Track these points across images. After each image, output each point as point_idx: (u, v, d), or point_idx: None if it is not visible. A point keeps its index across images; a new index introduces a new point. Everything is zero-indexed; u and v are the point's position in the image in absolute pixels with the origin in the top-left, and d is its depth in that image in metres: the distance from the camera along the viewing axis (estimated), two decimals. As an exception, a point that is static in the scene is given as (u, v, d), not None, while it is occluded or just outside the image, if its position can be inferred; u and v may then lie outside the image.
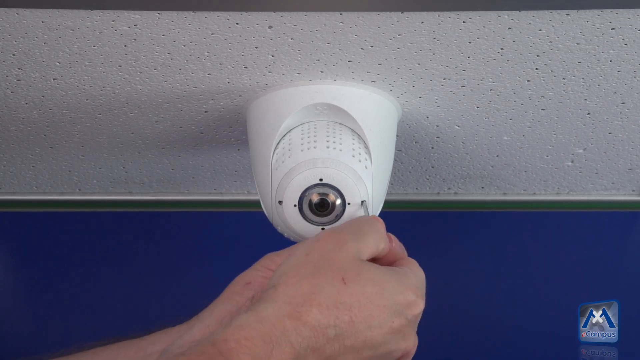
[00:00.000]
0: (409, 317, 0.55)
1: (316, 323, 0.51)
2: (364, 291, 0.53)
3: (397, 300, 0.55)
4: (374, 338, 0.53)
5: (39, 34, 0.62)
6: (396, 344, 0.55)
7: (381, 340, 0.54)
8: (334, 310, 0.52)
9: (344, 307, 0.52)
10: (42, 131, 0.79)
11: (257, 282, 0.58)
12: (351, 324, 0.52)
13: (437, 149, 0.82)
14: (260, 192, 0.69)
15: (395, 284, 0.56)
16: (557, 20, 0.60)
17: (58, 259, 0.94)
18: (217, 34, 0.62)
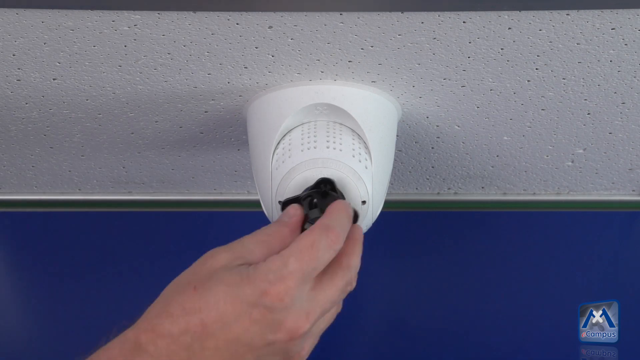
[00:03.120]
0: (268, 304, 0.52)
1: (168, 332, 0.51)
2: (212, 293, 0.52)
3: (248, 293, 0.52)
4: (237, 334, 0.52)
5: (39, 34, 0.62)
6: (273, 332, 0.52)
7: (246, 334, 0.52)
8: (183, 317, 0.52)
9: (192, 312, 0.52)
10: (42, 131, 0.79)
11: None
12: (204, 326, 0.52)
13: (437, 149, 0.82)
14: (260, 192, 0.69)
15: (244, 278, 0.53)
16: (557, 21, 0.60)
17: (58, 259, 0.94)
18: (217, 34, 0.62)
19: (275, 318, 0.53)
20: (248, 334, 0.52)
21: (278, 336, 0.53)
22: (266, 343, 0.53)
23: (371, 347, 0.86)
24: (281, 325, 0.53)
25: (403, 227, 0.95)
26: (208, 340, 0.52)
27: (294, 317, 0.53)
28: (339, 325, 0.60)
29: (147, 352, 0.51)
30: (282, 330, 0.53)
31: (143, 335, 0.51)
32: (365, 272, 0.59)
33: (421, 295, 0.90)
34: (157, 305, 0.54)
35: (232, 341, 0.52)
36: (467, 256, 0.93)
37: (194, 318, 0.52)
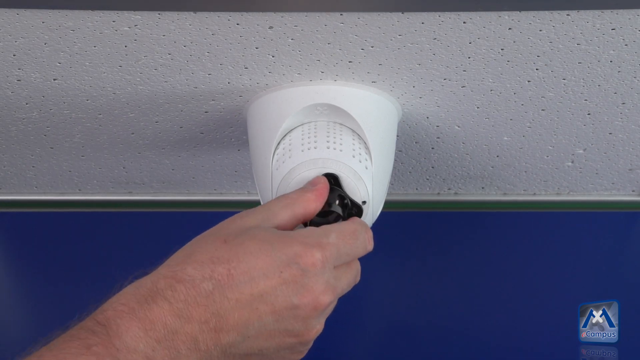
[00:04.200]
0: (302, 266, 0.52)
1: (189, 278, 0.50)
2: (244, 247, 0.52)
3: (281, 250, 0.52)
4: (262, 290, 0.51)
5: (39, 35, 0.62)
6: (298, 297, 0.51)
7: (272, 292, 0.51)
8: (209, 264, 0.50)
9: (220, 262, 0.51)
10: (42, 131, 0.79)
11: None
12: (230, 277, 0.50)
13: (438, 149, 0.82)
14: (260, 192, 0.69)
15: (279, 237, 0.53)
16: (558, 21, 0.60)
17: (58, 259, 0.94)
18: (217, 34, 0.62)
19: (305, 283, 0.52)
20: (274, 293, 0.51)
21: (303, 301, 0.52)
22: (290, 306, 0.51)
23: (371, 347, 0.86)
24: (309, 291, 0.52)
25: (403, 227, 0.95)
26: (231, 290, 0.50)
27: (323, 286, 0.52)
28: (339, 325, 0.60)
29: (163, 296, 0.49)
30: (309, 297, 0.52)
31: (162, 281, 0.50)
32: (365, 272, 0.59)
33: (421, 296, 0.90)
34: (180, 255, 0.53)
35: (256, 297, 0.50)
36: (467, 256, 0.93)
37: (221, 267, 0.50)
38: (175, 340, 0.49)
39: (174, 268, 0.51)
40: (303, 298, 0.52)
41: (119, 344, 0.47)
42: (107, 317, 0.48)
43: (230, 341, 0.50)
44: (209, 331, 0.50)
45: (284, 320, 0.52)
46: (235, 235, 0.53)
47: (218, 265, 0.51)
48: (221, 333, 0.50)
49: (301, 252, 0.52)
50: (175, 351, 0.49)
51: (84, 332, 0.48)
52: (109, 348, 0.47)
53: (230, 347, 0.51)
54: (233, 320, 0.50)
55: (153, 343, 0.48)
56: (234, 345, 0.51)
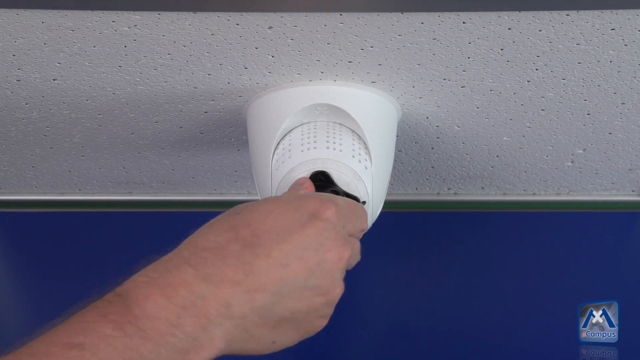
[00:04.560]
0: (321, 219, 0.52)
1: (215, 244, 0.49)
2: (260, 209, 0.51)
3: (301, 206, 0.52)
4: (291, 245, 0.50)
5: (39, 35, 0.62)
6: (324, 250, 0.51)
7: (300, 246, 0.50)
8: (230, 230, 0.50)
9: (241, 226, 0.50)
10: (42, 131, 0.79)
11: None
12: (255, 236, 0.49)
13: (437, 149, 0.82)
14: (260, 192, 0.69)
15: (294, 196, 0.54)
16: (557, 21, 0.60)
17: (58, 259, 0.94)
18: (217, 34, 0.62)
19: (327, 236, 0.52)
20: (301, 247, 0.50)
21: (329, 255, 0.52)
22: (318, 260, 0.51)
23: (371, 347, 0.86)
24: (332, 243, 0.52)
25: (403, 227, 0.94)
26: (260, 248, 0.49)
27: (342, 240, 0.53)
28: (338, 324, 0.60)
29: (187, 263, 0.48)
30: (333, 249, 0.52)
31: (185, 251, 0.49)
32: (365, 272, 0.59)
33: (421, 296, 0.90)
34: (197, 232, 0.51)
35: (285, 252, 0.50)
36: (467, 256, 0.93)
37: (244, 230, 0.50)
38: (205, 307, 0.46)
39: (196, 238, 0.50)
40: (328, 251, 0.52)
41: (138, 311, 0.45)
42: (126, 288, 0.47)
43: (265, 303, 0.49)
44: (242, 293, 0.48)
45: (314, 275, 0.51)
46: (248, 207, 0.53)
47: (240, 229, 0.50)
48: (256, 294, 0.48)
49: (318, 206, 0.53)
50: (205, 318, 0.46)
51: (101, 302, 0.46)
52: (126, 316, 0.45)
53: (265, 311, 0.49)
54: (266, 279, 0.49)
55: (177, 310, 0.45)
56: (269, 307, 0.49)
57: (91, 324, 0.44)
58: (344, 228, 0.54)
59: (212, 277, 0.47)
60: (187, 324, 0.45)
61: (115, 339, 0.43)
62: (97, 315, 0.45)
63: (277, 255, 0.49)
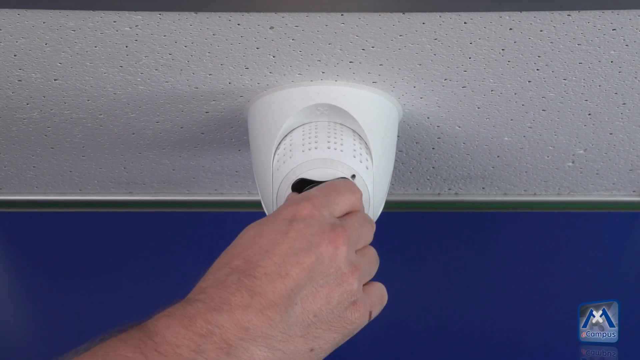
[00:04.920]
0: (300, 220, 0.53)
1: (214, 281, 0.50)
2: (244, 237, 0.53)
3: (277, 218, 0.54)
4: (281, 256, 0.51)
5: (40, 35, 0.62)
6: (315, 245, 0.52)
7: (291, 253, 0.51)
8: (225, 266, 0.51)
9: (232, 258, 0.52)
10: (43, 131, 0.79)
11: None
12: (247, 262, 0.51)
13: (438, 149, 0.82)
14: (261, 192, 0.69)
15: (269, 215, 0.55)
16: (558, 21, 0.60)
17: (58, 259, 0.94)
18: (218, 34, 0.62)
19: (312, 232, 0.53)
20: (292, 252, 0.51)
21: (321, 247, 0.52)
22: (314, 259, 0.52)
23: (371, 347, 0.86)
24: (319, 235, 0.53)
25: (403, 227, 0.95)
26: (255, 269, 0.51)
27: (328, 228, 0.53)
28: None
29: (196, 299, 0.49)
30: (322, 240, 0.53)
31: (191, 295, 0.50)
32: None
33: (421, 296, 0.90)
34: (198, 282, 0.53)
35: (280, 264, 0.51)
36: (468, 256, 0.93)
37: (235, 261, 0.51)
38: (224, 334, 0.48)
39: (198, 285, 0.52)
40: (319, 244, 0.52)
41: (157, 338, 0.46)
42: (145, 322, 0.48)
43: (282, 316, 0.50)
44: (256, 314, 0.49)
45: (316, 273, 0.52)
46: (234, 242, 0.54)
47: (231, 261, 0.52)
48: (269, 311, 0.49)
49: (293, 210, 0.54)
50: (226, 344, 0.48)
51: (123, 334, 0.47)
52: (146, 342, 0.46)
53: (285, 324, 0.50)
54: (273, 294, 0.50)
55: (197, 338, 0.47)
56: (287, 319, 0.50)
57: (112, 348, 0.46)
58: (331, 214, 0.55)
59: (222, 307, 0.49)
60: (209, 349, 0.47)
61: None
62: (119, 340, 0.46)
63: (273, 269, 0.51)
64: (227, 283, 0.50)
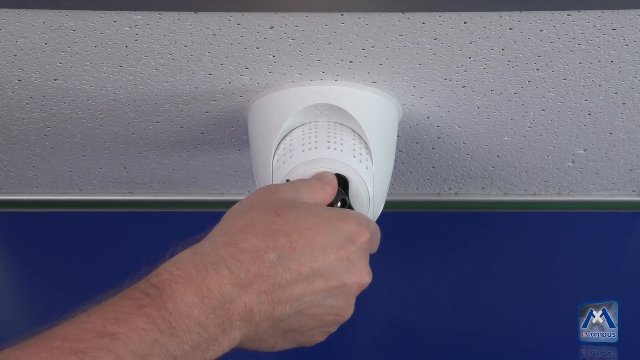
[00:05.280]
0: (357, 244, 0.54)
1: (254, 248, 0.50)
2: (301, 220, 0.53)
3: (339, 227, 0.54)
4: (321, 265, 0.52)
5: (40, 35, 0.62)
6: (349, 275, 0.53)
7: (330, 267, 0.52)
8: (271, 236, 0.51)
9: (281, 234, 0.51)
10: (43, 131, 0.79)
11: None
12: (292, 249, 0.51)
13: (438, 149, 0.82)
14: (261, 192, 0.69)
15: (334, 213, 0.55)
16: (558, 21, 0.60)
17: (58, 259, 0.94)
18: (218, 34, 0.62)
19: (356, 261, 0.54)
20: (330, 268, 0.52)
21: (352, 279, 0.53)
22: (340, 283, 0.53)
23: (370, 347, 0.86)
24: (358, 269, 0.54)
25: (403, 227, 0.95)
26: (293, 262, 0.51)
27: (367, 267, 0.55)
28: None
29: (225, 264, 0.49)
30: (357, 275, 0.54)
31: (223, 249, 0.49)
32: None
33: (421, 296, 0.90)
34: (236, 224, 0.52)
35: (315, 270, 0.51)
36: (468, 256, 0.93)
37: (283, 239, 0.51)
38: (231, 310, 0.48)
39: (235, 237, 0.51)
40: (352, 276, 0.53)
41: (172, 307, 0.46)
42: (162, 280, 0.47)
43: (282, 314, 0.50)
44: (266, 302, 0.49)
45: (332, 296, 0.53)
46: (287, 208, 0.53)
47: (279, 237, 0.51)
48: (277, 305, 0.50)
49: (356, 231, 0.54)
50: (229, 321, 0.48)
51: (137, 292, 0.47)
52: (161, 311, 0.46)
53: (279, 321, 0.51)
54: (290, 293, 0.50)
55: (208, 310, 0.47)
56: (283, 319, 0.51)
57: (125, 315, 0.45)
58: (370, 253, 0.57)
59: (244, 282, 0.49)
60: (212, 324, 0.47)
61: (147, 333, 0.44)
62: (133, 306, 0.46)
63: (307, 272, 0.51)
64: (263, 259, 0.50)
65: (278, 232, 0.51)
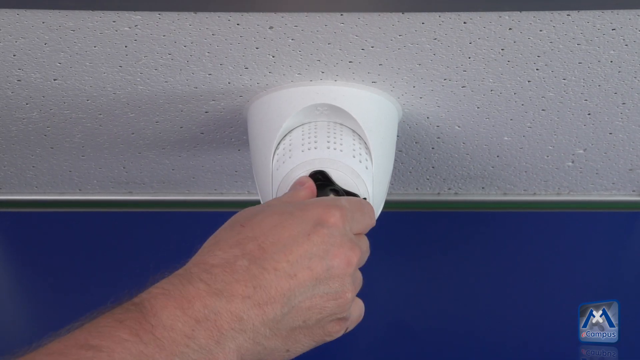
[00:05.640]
0: (326, 226, 0.53)
1: (223, 261, 0.50)
2: (265, 221, 0.52)
3: (305, 216, 0.53)
4: (297, 256, 0.51)
5: (39, 35, 0.62)
6: (330, 257, 0.52)
7: (307, 255, 0.51)
8: (237, 246, 0.51)
9: (247, 240, 0.51)
10: (42, 131, 0.79)
11: None
12: (262, 250, 0.51)
13: (438, 149, 0.82)
14: (260, 192, 0.69)
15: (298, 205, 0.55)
16: (558, 21, 0.60)
17: (58, 259, 0.94)
18: (217, 34, 0.62)
19: (333, 242, 0.53)
20: (308, 256, 0.51)
21: (336, 260, 0.52)
22: (325, 267, 0.52)
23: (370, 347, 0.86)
24: (338, 249, 0.53)
25: (403, 227, 0.95)
26: (267, 261, 0.50)
27: (348, 243, 0.54)
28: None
29: (199, 279, 0.49)
30: (340, 254, 0.53)
31: (195, 268, 0.50)
32: (365, 272, 0.59)
33: (421, 296, 0.90)
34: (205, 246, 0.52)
35: (292, 263, 0.51)
36: (467, 256, 0.93)
37: (250, 244, 0.51)
38: (218, 321, 0.48)
39: (204, 256, 0.51)
40: (335, 257, 0.52)
41: (154, 320, 0.46)
42: (142, 298, 0.48)
43: (276, 314, 0.50)
44: (253, 307, 0.49)
45: (322, 282, 0.52)
46: (250, 217, 0.53)
47: (246, 243, 0.51)
48: (266, 307, 0.49)
49: (322, 213, 0.53)
50: (219, 332, 0.47)
51: (118, 310, 0.47)
52: (143, 324, 0.46)
53: (276, 322, 0.50)
54: (275, 291, 0.50)
55: (192, 322, 0.47)
56: (279, 319, 0.50)
57: (108, 328, 0.45)
58: (351, 230, 0.55)
59: (223, 292, 0.48)
60: (200, 336, 0.47)
61: (131, 344, 0.44)
62: (114, 320, 0.46)
63: (284, 266, 0.51)
64: (235, 267, 0.50)
65: (244, 240, 0.51)
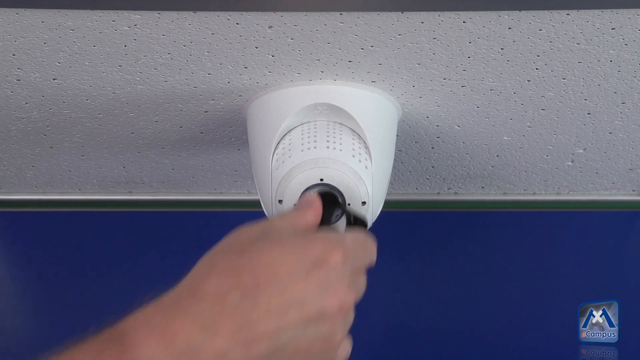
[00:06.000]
0: (326, 267, 0.50)
1: (216, 290, 0.48)
2: (264, 252, 0.50)
3: (306, 252, 0.51)
4: (291, 294, 0.49)
5: (39, 34, 0.62)
6: (325, 298, 0.50)
7: (301, 295, 0.49)
8: (234, 275, 0.49)
9: (245, 271, 0.49)
10: (42, 131, 0.79)
11: None
12: (257, 284, 0.48)
13: (437, 148, 0.82)
14: (260, 192, 0.69)
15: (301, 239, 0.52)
16: (557, 20, 0.60)
17: (58, 259, 0.94)
18: (217, 34, 0.62)
19: (331, 283, 0.51)
20: (302, 296, 0.49)
21: (330, 303, 0.50)
22: (318, 309, 0.50)
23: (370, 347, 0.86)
24: (335, 292, 0.51)
25: (403, 227, 0.95)
26: (261, 297, 0.48)
27: (346, 287, 0.51)
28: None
29: (187, 311, 0.47)
30: (335, 298, 0.50)
31: (185, 297, 0.48)
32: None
33: (421, 295, 0.90)
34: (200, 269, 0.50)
35: (286, 301, 0.49)
36: (467, 256, 0.93)
37: (246, 275, 0.48)
38: (201, 355, 0.46)
39: (197, 283, 0.49)
40: (330, 299, 0.50)
41: (135, 353, 0.45)
42: (124, 327, 0.46)
43: (260, 353, 0.48)
44: (238, 344, 0.47)
45: (312, 324, 0.50)
46: (252, 243, 0.51)
47: (243, 274, 0.49)
48: (252, 345, 0.48)
49: (324, 253, 0.51)
50: None
51: (97, 340, 0.46)
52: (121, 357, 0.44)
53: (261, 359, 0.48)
54: (263, 329, 0.48)
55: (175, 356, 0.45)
56: (265, 356, 0.48)
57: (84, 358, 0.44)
58: (351, 270, 0.53)
59: (209, 326, 0.47)
60: None
61: None
62: (93, 350, 0.45)
63: (276, 304, 0.49)
64: (227, 300, 0.48)
65: (242, 269, 0.49)
